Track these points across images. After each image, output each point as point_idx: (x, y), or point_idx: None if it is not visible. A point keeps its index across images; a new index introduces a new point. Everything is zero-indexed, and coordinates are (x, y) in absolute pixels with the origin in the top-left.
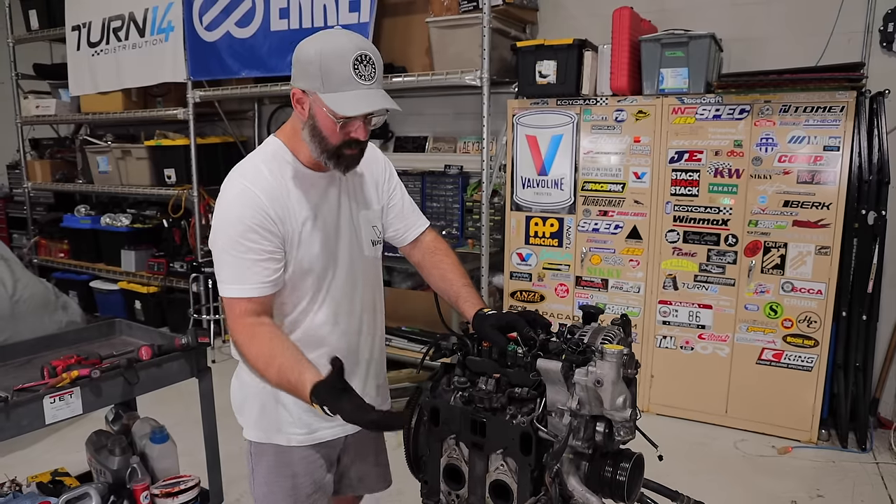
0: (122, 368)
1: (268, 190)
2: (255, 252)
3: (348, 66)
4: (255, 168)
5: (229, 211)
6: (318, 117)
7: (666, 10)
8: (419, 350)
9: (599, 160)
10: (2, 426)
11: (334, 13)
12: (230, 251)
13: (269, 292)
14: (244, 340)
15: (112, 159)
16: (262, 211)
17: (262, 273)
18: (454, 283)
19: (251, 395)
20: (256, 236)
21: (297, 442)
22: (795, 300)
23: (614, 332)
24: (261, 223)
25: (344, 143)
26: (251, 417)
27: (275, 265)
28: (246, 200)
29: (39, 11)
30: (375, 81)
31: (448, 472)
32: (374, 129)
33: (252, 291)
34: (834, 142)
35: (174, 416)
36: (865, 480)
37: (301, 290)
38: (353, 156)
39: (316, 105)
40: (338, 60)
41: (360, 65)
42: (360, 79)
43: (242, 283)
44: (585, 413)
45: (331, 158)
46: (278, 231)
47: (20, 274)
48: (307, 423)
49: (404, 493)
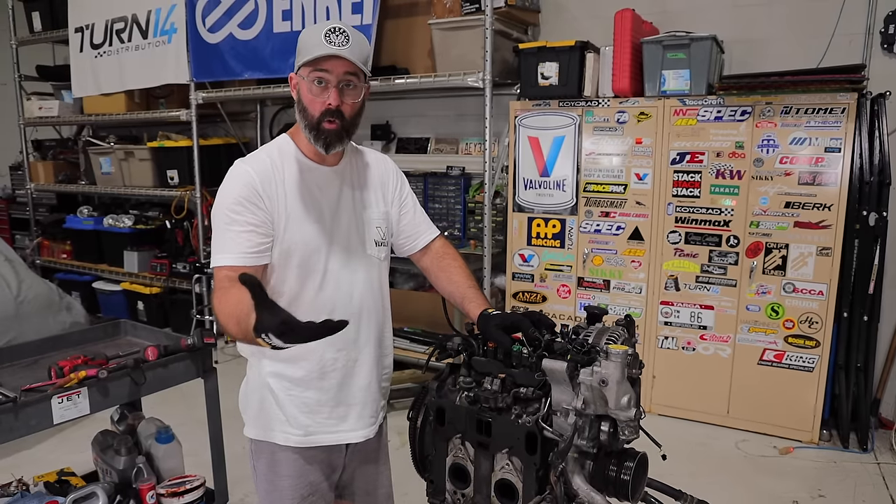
0: (129, 369)
1: (261, 171)
2: (239, 224)
3: (320, 35)
4: (257, 154)
5: (224, 187)
6: (301, 90)
7: (667, 12)
8: (422, 351)
9: (601, 161)
10: (10, 426)
11: (337, 15)
12: (220, 223)
13: (250, 263)
14: (216, 302)
15: (115, 160)
16: (250, 186)
17: (243, 243)
18: (460, 284)
19: (251, 391)
20: (241, 208)
21: (294, 442)
22: (797, 301)
23: (618, 332)
24: (247, 196)
25: (321, 116)
26: (251, 415)
27: (258, 238)
28: (238, 177)
29: (42, 13)
30: (346, 49)
31: (454, 471)
32: (376, 130)
33: (233, 260)
34: (835, 143)
35: (179, 416)
36: (867, 481)
37: (287, 273)
38: (332, 130)
39: (298, 79)
40: (312, 33)
41: (331, 34)
42: (329, 43)
43: (224, 251)
44: (590, 412)
45: (312, 131)
46: (264, 207)
47: (24, 275)
48: (304, 425)
49: (410, 493)
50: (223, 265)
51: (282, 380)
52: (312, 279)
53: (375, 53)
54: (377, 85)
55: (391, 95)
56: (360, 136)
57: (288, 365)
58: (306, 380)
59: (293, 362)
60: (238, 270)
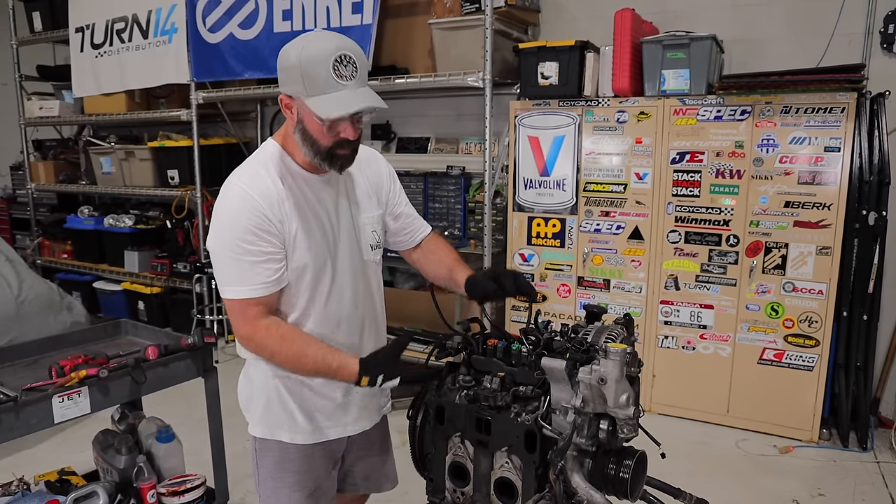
0: (130, 368)
1: (264, 193)
2: (254, 254)
3: (328, 68)
4: (253, 171)
5: (227, 214)
6: (306, 121)
7: (667, 12)
8: (422, 350)
9: (601, 161)
10: (11, 425)
11: (337, 15)
12: (231, 254)
13: (273, 290)
14: (274, 341)
15: (115, 160)
16: (259, 213)
17: (263, 273)
18: (445, 262)
19: (257, 391)
20: (255, 238)
21: (300, 440)
22: (796, 300)
23: (617, 331)
24: (258, 225)
25: (335, 144)
26: (256, 414)
27: (276, 265)
28: (243, 204)
29: (43, 13)
30: (358, 80)
31: (453, 469)
32: (376, 130)
33: (256, 291)
34: (835, 143)
35: (179, 415)
36: (866, 480)
37: (300, 291)
38: (347, 155)
39: (302, 109)
40: (318, 63)
41: (339, 65)
42: (340, 79)
43: (245, 283)
44: (589, 411)
45: (324, 160)
46: (277, 231)
47: (25, 275)
48: (311, 422)
49: (410, 491)
50: (248, 297)
51: (290, 381)
52: (321, 292)
53: (376, 53)
54: (377, 85)
55: (391, 95)
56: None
57: None
58: (315, 383)
59: None
60: (264, 302)
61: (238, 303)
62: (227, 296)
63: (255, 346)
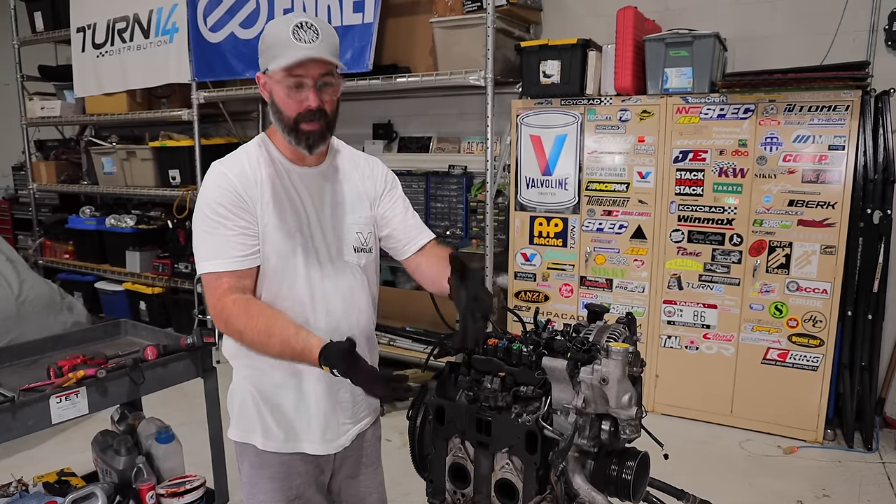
0: (128, 368)
1: (240, 174)
2: (227, 227)
3: (287, 32)
4: (234, 156)
5: (205, 192)
6: (274, 91)
7: (670, 10)
8: (423, 350)
9: (604, 160)
10: (9, 426)
11: (338, 14)
12: (206, 227)
13: (246, 267)
14: (238, 315)
15: (117, 160)
16: (233, 190)
17: (237, 248)
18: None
19: (234, 392)
20: (228, 213)
21: (273, 448)
22: (801, 300)
23: (619, 330)
24: (232, 201)
25: (300, 116)
26: (233, 415)
27: (249, 241)
28: (219, 180)
29: (44, 13)
30: (318, 45)
31: (454, 470)
32: (378, 130)
33: (229, 265)
34: (839, 141)
35: (179, 416)
36: (871, 480)
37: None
38: (313, 131)
39: (270, 81)
40: (278, 30)
41: (299, 30)
42: (298, 41)
43: (217, 257)
44: (591, 411)
45: (291, 133)
46: (250, 210)
47: (26, 275)
48: (285, 430)
49: (410, 493)
50: (220, 271)
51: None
52: (286, 284)
53: (377, 52)
54: (378, 84)
55: (393, 94)
56: (362, 136)
57: (264, 371)
58: (283, 386)
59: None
60: (238, 276)
61: (211, 276)
62: (202, 270)
63: (223, 324)
